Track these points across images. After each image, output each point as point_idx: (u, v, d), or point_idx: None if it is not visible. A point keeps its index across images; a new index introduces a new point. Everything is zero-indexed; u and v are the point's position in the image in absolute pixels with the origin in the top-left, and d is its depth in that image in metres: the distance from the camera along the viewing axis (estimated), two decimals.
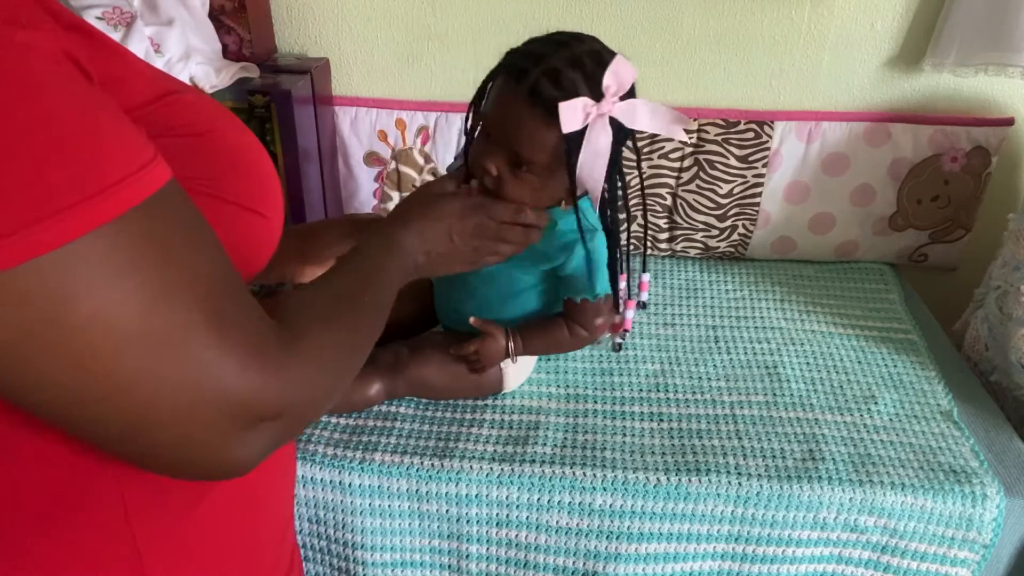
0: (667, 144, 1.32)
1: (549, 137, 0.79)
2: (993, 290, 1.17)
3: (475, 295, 0.99)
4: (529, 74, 0.79)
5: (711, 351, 1.16)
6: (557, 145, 0.80)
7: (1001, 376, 1.14)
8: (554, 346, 0.99)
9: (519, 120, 0.80)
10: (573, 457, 0.95)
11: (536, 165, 0.82)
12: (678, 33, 1.29)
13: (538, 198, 0.85)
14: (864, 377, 1.11)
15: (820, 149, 1.33)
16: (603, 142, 0.78)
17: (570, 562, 0.95)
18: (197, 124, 0.47)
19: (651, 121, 0.79)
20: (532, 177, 0.83)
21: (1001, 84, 1.30)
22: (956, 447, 0.99)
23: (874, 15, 1.26)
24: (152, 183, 0.36)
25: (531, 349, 0.99)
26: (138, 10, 1.05)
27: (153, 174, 0.36)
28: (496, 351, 0.97)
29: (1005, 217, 1.21)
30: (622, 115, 0.79)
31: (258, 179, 0.51)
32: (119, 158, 0.35)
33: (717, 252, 1.42)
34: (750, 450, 0.97)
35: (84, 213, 0.33)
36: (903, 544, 0.93)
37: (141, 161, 0.36)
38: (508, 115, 0.81)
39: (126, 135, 0.36)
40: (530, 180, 0.84)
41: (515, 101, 0.80)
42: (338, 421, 1.00)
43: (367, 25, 1.31)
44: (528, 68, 0.79)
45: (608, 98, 0.77)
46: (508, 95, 0.81)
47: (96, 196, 0.33)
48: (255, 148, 0.52)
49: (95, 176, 0.33)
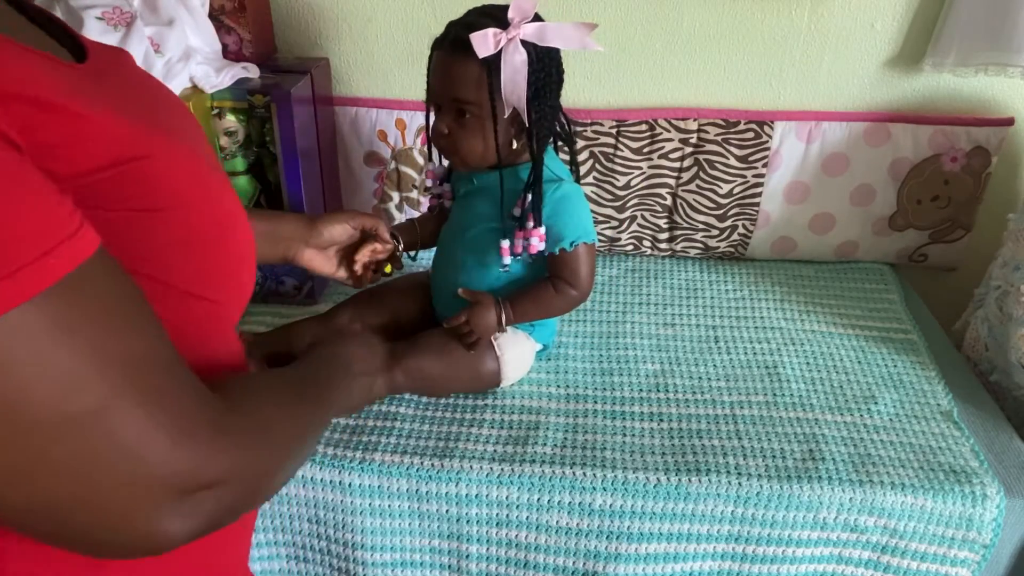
0: (667, 144, 1.32)
1: (473, 72, 0.90)
2: (993, 290, 1.17)
3: (464, 269, 1.02)
4: (448, 34, 0.92)
5: (711, 351, 1.16)
6: (481, 79, 0.90)
7: (1001, 376, 1.14)
8: (544, 308, 1.01)
9: (447, 70, 0.92)
10: (573, 457, 0.95)
11: (473, 105, 0.92)
12: (678, 33, 1.29)
13: (489, 142, 0.94)
14: (864, 377, 1.11)
15: (820, 149, 1.33)
16: (518, 60, 0.88)
17: (570, 562, 0.95)
18: (156, 198, 0.44)
19: (561, 37, 0.89)
20: (473, 120, 0.93)
21: (1001, 84, 1.30)
22: (956, 447, 0.99)
23: (874, 15, 1.26)
24: (73, 258, 0.35)
25: (521, 315, 1.00)
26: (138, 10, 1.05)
27: (75, 248, 0.35)
28: (487, 319, 0.98)
29: (1005, 217, 1.21)
30: (532, 36, 0.88)
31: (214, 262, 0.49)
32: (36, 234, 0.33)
33: (717, 252, 1.42)
34: (750, 450, 0.97)
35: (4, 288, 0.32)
36: (903, 544, 0.93)
37: (60, 236, 0.34)
38: (441, 72, 0.93)
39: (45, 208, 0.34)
40: (473, 124, 0.93)
41: (443, 59, 0.93)
42: (338, 421, 1.00)
43: (367, 25, 1.31)
44: (443, 34, 0.94)
45: (514, 25, 0.88)
46: (438, 59, 0.94)
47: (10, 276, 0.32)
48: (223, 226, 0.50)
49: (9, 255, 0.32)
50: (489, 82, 0.90)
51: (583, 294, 1.00)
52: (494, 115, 0.91)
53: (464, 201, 1.05)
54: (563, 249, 0.97)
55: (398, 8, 1.29)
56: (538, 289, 1.00)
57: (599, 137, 1.32)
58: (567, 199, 0.97)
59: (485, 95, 0.90)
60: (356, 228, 1.00)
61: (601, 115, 1.32)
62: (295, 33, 1.33)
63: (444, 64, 0.92)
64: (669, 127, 1.32)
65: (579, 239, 0.97)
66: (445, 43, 0.92)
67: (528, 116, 0.91)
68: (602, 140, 1.33)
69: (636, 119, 1.32)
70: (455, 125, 0.94)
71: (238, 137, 1.20)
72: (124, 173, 0.42)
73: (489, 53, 0.87)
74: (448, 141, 0.96)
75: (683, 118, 1.32)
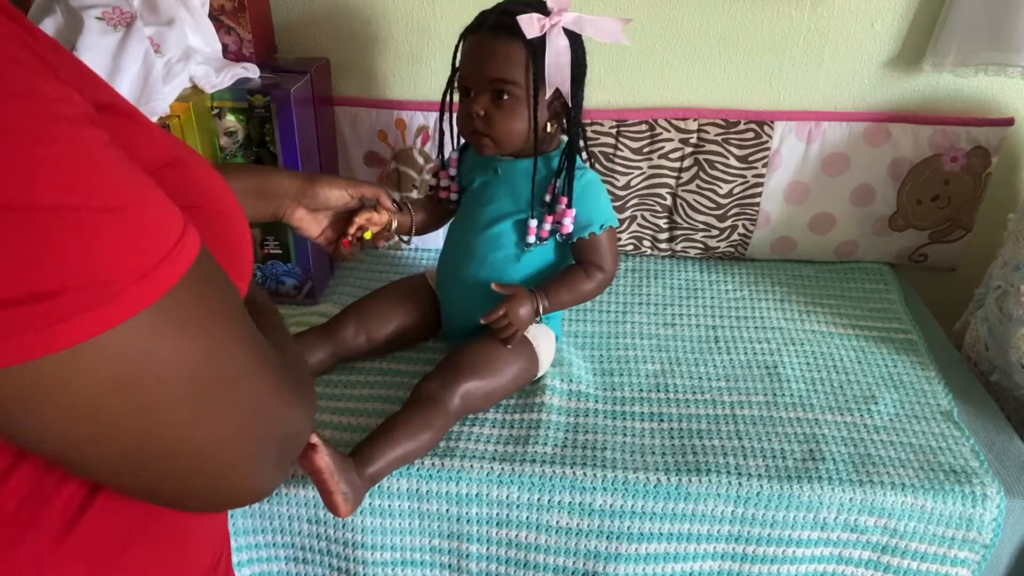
0: (667, 144, 1.32)
1: (518, 53, 0.92)
2: (993, 290, 1.17)
3: (486, 265, 1.02)
4: (486, 20, 0.94)
5: (711, 351, 1.16)
6: (526, 61, 0.92)
7: (1001, 376, 1.14)
8: (578, 293, 1.02)
9: (489, 51, 0.93)
10: (573, 457, 0.95)
11: (514, 86, 0.93)
12: (678, 33, 1.29)
13: (524, 124, 0.95)
14: (864, 377, 1.11)
15: (820, 149, 1.33)
16: (562, 44, 0.92)
17: (570, 562, 0.95)
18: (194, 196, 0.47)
19: (596, 29, 0.92)
20: (513, 102, 0.94)
21: (1001, 84, 1.30)
22: (956, 447, 0.99)
23: (874, 15, 1.26)
24: (191, 250, 0.37)
25: (557, 302, 1.00)
26: (138, 10, 1.05)
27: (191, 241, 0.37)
28: (525, 310, 0.97)
29: (1005, 217, 1.21)
30: (572, 24, 0.92)
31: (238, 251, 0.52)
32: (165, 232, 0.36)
33: (717, 252, 1.42)
34: (750, 450, 0.97)
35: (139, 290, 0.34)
36: (903, 544, 0.93)
37: (179, 231, 0.36)
38: (479, 55, 0.94)
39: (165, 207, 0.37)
40: (512, 105, 0.94)
41: (482, 42, 0.94)
42: (338, 422, 1.00)
43: (367, 25, 1.31)
44: (481, 19, 0.95)
45: (556, 12, 0.91)
46: (475, 42, 0.95)
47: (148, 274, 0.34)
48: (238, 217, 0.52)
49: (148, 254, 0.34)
50: (534, 64, 0.91)
51: (610, 276, 1.03)
52: (535, 97, 0.93)
53: (481, 194, 1.04)
54: (592, 233, 0.99)
55: (398, 8, 1.29)
56: (570, 275, 1.01)
57: (599, 137, 1.32)
58: (592, 185, 1.00)
59: (528, 76, 0.92)
60: (355, 196, 0.98)
61: (601, 115, 1.32)
62: (295, 33, 1.33)
63: (485, 45, 0.93)
64: (669, 127, 1.32)
65: (607, 223, 1.00)
66: (484, 27, 0.93)
67: (572, 98, 0.95)
68: (602, 140, 1.33)
69: (636, 119, 1.32)
70: (492, 106, 0.94)
71: (238, 137, 1.19)
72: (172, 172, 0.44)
73: (536, 35, 0.90)
74: (483, 123, 0.95)
75: (683, 118, 1.32)
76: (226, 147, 1.20)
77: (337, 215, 0.99)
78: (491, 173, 1.03)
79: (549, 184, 0.99)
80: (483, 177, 1.04)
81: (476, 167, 1.05)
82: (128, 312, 0.33)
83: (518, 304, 0.96)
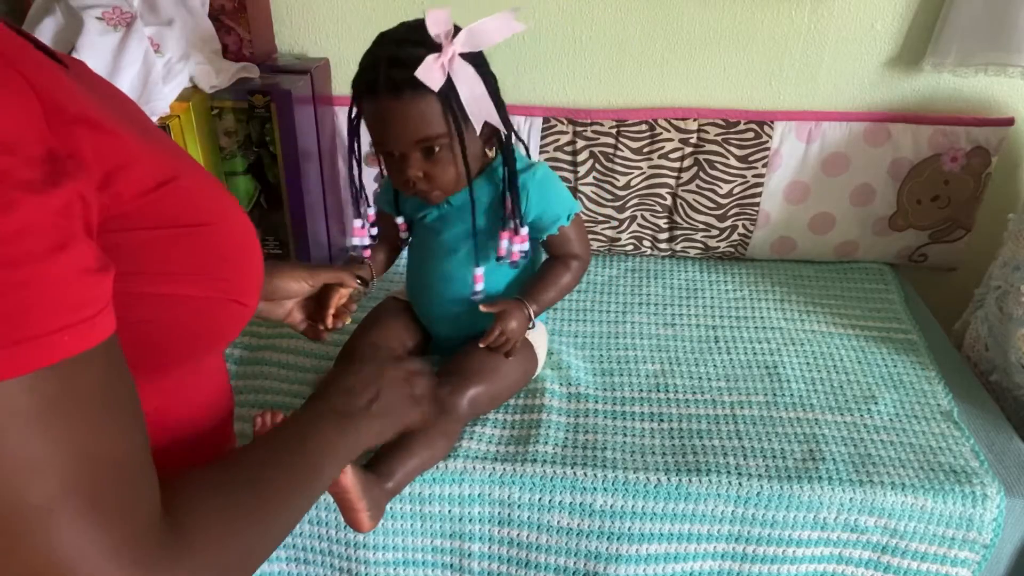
0: (667, 144, 1.32)
1: (431, 106, 0.85)
2: (993, 290, 1.17)
3: (463, 281, 0.99)
4: (377, 81, 0.85)
5: (711, 351, 1.16)
6: (443, 110, 0.85)
7: (1001, 376, 1.14)
8: (562, 289, 1.01)
9: (401, 115, 0.85)
10: (574, 457, 0.95)
11: (441, 138, 0.87)
12: (678, 33, 1.29)
13: (463, 167, 0.89)
14: (864, 377, 1.11)
15: (820, 149, 1.33)
16: (469, 74, 0.85)
17: (571, 562, 0.95)
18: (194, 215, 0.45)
19: (493, 34, 0.85)
20: (445, 151, 0.88)
21: (1001, 84, 1.30)
22: (956, 447, 0.99)
23: (874, 15, 1.26)
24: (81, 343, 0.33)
25: (544, 304, 1.00)
26: (138, 10, 1.05)
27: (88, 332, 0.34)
28: (519, 323, 0.96)
29: (1005, 217, 1.21)
30: (468, 46, 0.84)
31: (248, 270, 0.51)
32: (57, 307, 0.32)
33: (717, 252, 1.42)
34: (750, 450, 0.97)
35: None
36: (903, 544, 0.93)
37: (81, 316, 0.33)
38: (390, 121, 0.86)
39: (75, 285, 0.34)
40: (446, 156, 0.89)
41: (388, 107, 0.85)
42: None
43: (367, 25, 1.31)
44: (372, 79, 0.85)
45: (445, 42, 0.83)
46: (380, 109, 0.86)
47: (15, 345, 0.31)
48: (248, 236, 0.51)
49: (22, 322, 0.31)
50: (451, 109, 0.85)
51: (587, 261, 1.03)
52: (462, 139, 0.87)
53: (439, 224, 0.99)
54: (562, 226, 0.98)
55: (398, 8, 1.29)
56: (550, 273, 1.01)
57: (599, 137, 1.32)
58: (548, 178, 0.98)
59: (450, 122, 0.86)
60: (315, 286, 0.90)
61: (601, 115, 1.32)
62: (295, 33, 1.32)
63: (393, 110, 0.85)
64: (669, 127, 1.32)
65: (572, 210, 0.99)
66: (379, 89, 0.84)
67: (501, 116, 0.90)
68: (602, 140, 1.33)
69: (636, 119, 1.32)
70: (427, 165, 0.89)
71: (238, 137, 1.19)
72: (168, 194, 0.43)
73: (442, 83, 0.83)
74: (425, 182, 0.90)
75: (683, 118, 1.32)
76: (226, 147, 1.20)
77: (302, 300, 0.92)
78: (442, 206, 0.98)
79: (502, 197, 0.95)
80: (432, 210, 0.99)
81: (416, 203, 1.00)
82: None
83: (510, 318, 0.95)
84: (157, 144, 0.46)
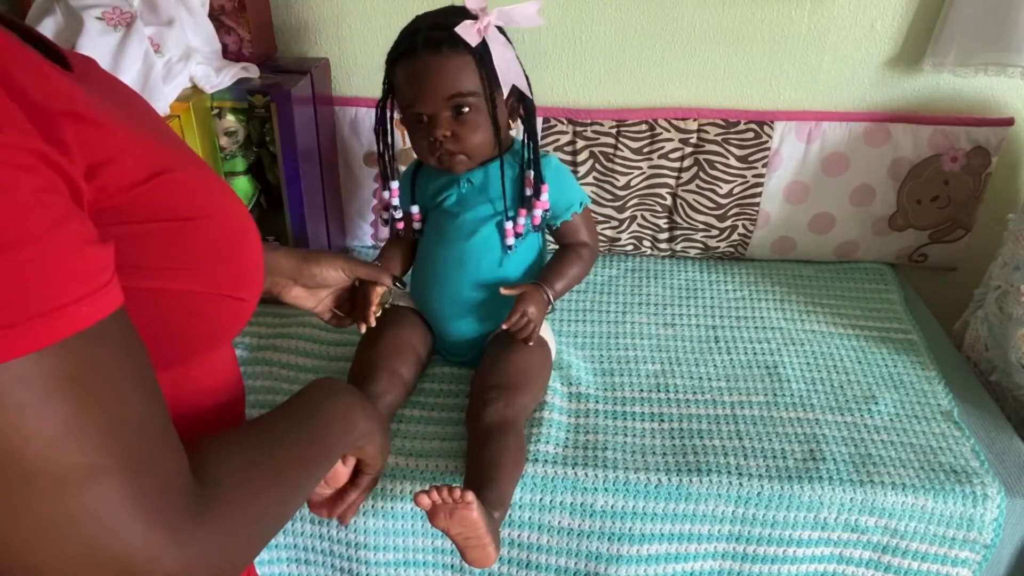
0: (667, 144, 1.32)
1: (466, 64, 0.90)
2: (993, 290, 1.17)
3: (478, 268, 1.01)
4: (416, 44, 0.91)
5: (711, 351, 1.16)
6: (477, 69, 0.91)
7: (1001, 376, 1.14)
8: (576, 275, 1.04)
9: (437, 70, 0.91)
10: (575, 457, 0.95)
11: (473, 97, 0.92)
12: (678, 33, 1.29)
13: (489, 132, 0.94)
14: (864, 377, 1.11)
15: (820, 149, 1.33)
16: (502, 41, 0.91)
17: (572, 563, 0.95)
18: (188, 208, 0.45)
19: (524, 17, 0.91)
20: (474, 113, 0.93)
21: (1001, 84, 1.30)
22: (956, 447, 0.99)
23: (874, 15, 1.26)
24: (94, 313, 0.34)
25: (562, 288, 1.01)
26: (138, 10, 1.05)
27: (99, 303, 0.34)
28: (537, 305, 0.97)
29: (1005, 217, 1.21)
30: (502, 20, 0.91)
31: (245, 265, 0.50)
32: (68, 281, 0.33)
33: (717, 252, 1.42)
34: (751, 450, 0.97)
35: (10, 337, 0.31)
36: (904, 544, 0.93)
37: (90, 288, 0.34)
38: (427, 76, 0.91)
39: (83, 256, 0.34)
40: (475, 117, 0.93)
41: (425, 63, 0.91)
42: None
43: (367, 25, 1.31)
44: (412, 42, 0.91)
45: (481, 14, 0.89)
46: (417, 66, 0.92)
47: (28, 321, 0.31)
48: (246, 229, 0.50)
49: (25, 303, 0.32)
50: (484, 69, 0.91)
51: (596, 250, 1.07)
52: (493, 102, 0.92)
53: (457, 207, 1.01)
54: (575, 213, 1.02)
55: (398, 8, 1.29)
56: (564, 260, 1.03)
57: (599, 137, 1.32)
58: (561, 168, 1.03)
59: (483, 83, 0.91)
60: (351, 277, 0.92)
61: (601, 115, 1.32)
62: (295, 33, 1.32)
63: (430, 65, 0.91)
64: (669, 127, 1.32)
65: (584, 200, 1.03)
66: (418, 48, 0.91)
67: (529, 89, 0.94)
68: (602, 140, 1.33)
69: (636, 119, 1.32)
70: (455, 125, 0.93)
71: (238, 137, 1.19)
72: (158, 186, 0.42)
73: (478, 41, 0.89)
74: (453, 142, 0.94)
75: (683, 118, 1.32)
76: (226, 147, 1.20)
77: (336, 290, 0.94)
78: (463, 186, 1.00)
79: (521, 176, 0.99)
80: (452, 192, 1.01)
81: (437, 187, 1.02)
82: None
83: (530, 301, 0.96)
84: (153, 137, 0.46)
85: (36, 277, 0.32)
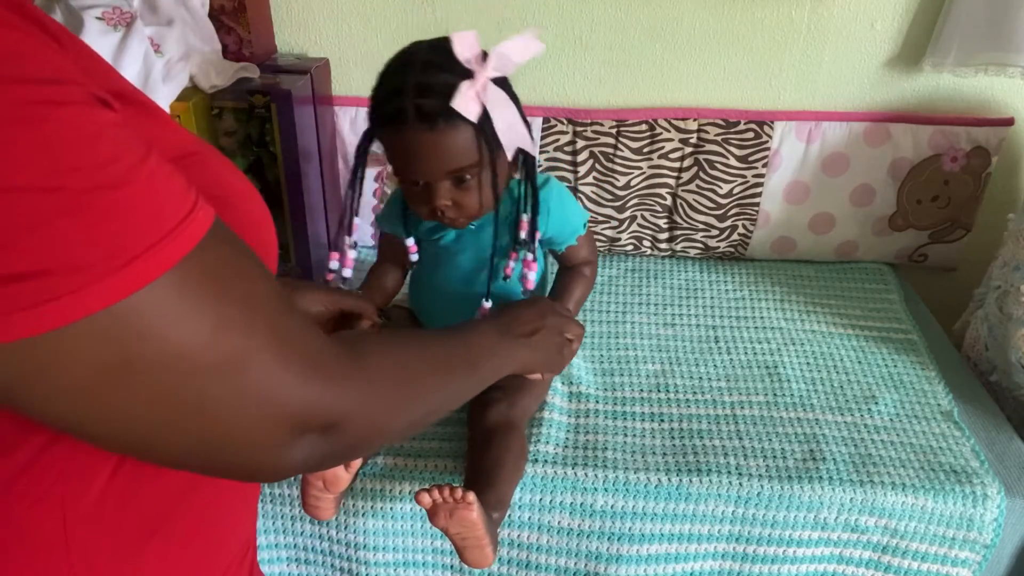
0: (667, 144, 1.32)
1: (466, 137, 0.81)
2: (993, 290, 1.17)
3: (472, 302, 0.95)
4: (405, 110, 0.79)
5: (711, 351, 1.16)
6: (477, 139, 0.82)
7: (1001, 376, 1.14)
8: (583, 296, 1.02)
9: (433, 147, 0.81)
10: (575, 457, 0.95)
11: (473, 167, 0.83)
12: (678, 33, 1.29)
13: (493, 193, 0.86)
14: (864, 377, 1.11)
15: (820, 149, 1.33)
16: (502, 99, 0.81)
17: (572, 563, 0.95)
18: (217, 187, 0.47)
19: (520, 55, 0.81)
20: (475, 181, 0.85)
21: (1001, 84, 1.30)
22: (956, 447, 0.99)
23: (874, 15, 1.26)
24: (203, 223, 0.37)
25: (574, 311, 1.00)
26: (138, 10, 1.05)
27: (202, 215, 0.37)
28: None
29: (1005, 217, 1.21)
30: (499, 70, 0.80)
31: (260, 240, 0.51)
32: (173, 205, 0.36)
33: (717, 252, 1.42)
34: (751, 450, 0.97)
35: (149, 261, 0.34)
36: (904, 544, 0.93)
37: (189, 205, 0.37)
38: (421, 153, 0.82)
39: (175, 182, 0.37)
40: (476, 183, 0.85)
41: (417, 139, 0.81)
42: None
43: (367, 25, 1.31)
44: (399, 108, 0.80)
45: (476, 68, 0.79)
46: (410, 140, 0.81)
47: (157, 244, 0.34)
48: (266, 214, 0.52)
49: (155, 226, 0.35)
50: (485, 138, 0.82)
51: (596, 263, 1.04)
52: (494, 166, 0.84)
53: (455, 246, 0.96)
54: (580, 236, 0.98)
55: (398, 8, 1.29)
56: (572, 282, 1.00)
57: (599, 137, 1.32)
58: (561, 191, 0.97)
59: (483, 150, 0.83)
60: (333, 309, 0.88)
61: (601, 115, 1.32)
62: (295, 33, 1.32)
63: (426, 142, 0.81)
64: (669, 127, 1.32)
65: (585, 218, 1.00)
66: (408, 119, 0.80)
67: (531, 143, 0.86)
68: (602, 140, 1.33)
69: (636, 119, 1.32)
70: (457, 194, 0.85)
71: (238, 137, 1.19)
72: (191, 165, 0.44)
73: (479, 112, 0.79)
74: (454, 210, 0.87)
75: (683, 118, 1.32)
76: (226, 147, 1.20)
77: None
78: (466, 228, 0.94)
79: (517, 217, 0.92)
80: (452, 231, 0.95)
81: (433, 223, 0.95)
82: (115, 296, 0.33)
83: None
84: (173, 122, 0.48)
85: (159, 199, 0.35)
